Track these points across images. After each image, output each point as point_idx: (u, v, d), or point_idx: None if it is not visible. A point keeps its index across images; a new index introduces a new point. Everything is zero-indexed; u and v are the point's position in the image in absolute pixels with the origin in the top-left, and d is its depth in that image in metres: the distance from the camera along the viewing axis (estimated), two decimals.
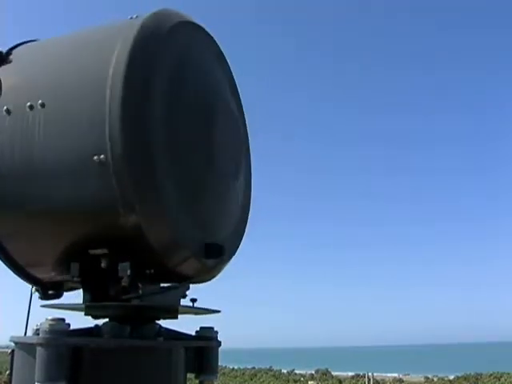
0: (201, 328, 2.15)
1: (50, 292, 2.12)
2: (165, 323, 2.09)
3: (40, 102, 1.83)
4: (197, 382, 2.17)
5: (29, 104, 1.84)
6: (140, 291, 1.84)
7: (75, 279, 1.86)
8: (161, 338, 1.95)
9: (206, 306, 2.12)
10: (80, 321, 1.98)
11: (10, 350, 1.89)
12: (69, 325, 1.75)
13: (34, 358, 1.68)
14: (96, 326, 1.97)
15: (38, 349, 1.67)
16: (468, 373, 30.45)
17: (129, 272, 1.76)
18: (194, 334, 2.14)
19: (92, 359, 1.74)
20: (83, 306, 2.03)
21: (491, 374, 29.13)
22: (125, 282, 1.78)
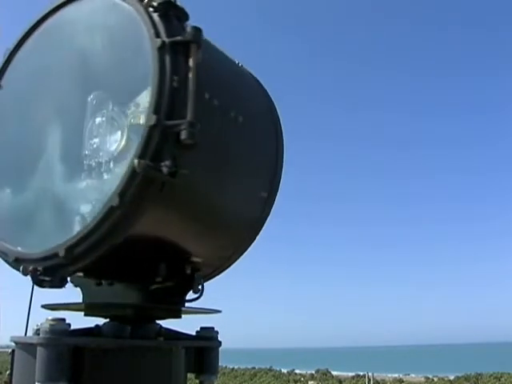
0: (201, 328, 2.15)
1: None
2: (165, 323, 2.09)
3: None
4: (197, 382, 2.17)
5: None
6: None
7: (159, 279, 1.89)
8: (161, 338, 1.95)
9: (205, 306, 2.13)
10: (80, 321, 1.98)
11: (10, 350, 1.89)
12: (69, 325, 1.76)
13: (35, 358, 1.67)
14: (96, 325, 1.97)
15: (39, 349, 1.67)
16: (468, 373, 30.49)
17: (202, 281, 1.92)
18: (194, 334, 2.15)
19: (92, 359, 1.74)
20: (83, 305, 2.04)
21: (491, 374, 29.16)
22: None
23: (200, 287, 1.94)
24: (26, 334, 2.00)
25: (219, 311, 2.22)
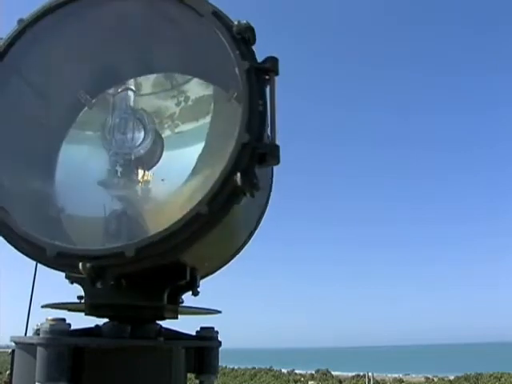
0: (201, 328, 2.15)
1: None
2: (165, 323, 2.09)
3: None
4: (197, 382, 2.17)
5: None
6: None
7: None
8: (161, 338, 1.95)
9: (205, 307, 2.13)
10: (80, 321, 1.98)
11: (10, 350, 1.90)
12: (69, 325, 1.76)
13: (35, 358, 1.68)
14: (96, 325, 1.97)
15: (39, 349, 1.68)
16: (468, 373, 30.50)
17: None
18: (194, 334, 2.15)
19: (92, 359, 1.74)
20: (83, 305, 2.04)
21: (491, 374, 29.17)
22: None
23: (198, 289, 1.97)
24: (26, 334, 2.00)
25: (219, 312, 2.22)
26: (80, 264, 1.62)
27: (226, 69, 1.78)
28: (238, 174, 1.59)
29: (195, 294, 1.97)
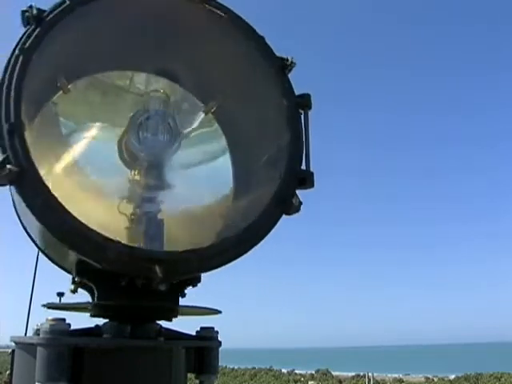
0: (201, 328, 2.15)
1: None
2: (165, 323, 2.09)
3: None
4: (197, 382, 2.17)
5: None
6: None
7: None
8: (161, 338, 1.95)
9: (204, 306, 2.13)
10: (80, 321, 1.98)
11: (10, 350, 1.90)
12: (69, 325, 1.76)
13: (35, 357, 1.68)
14: (96, 325, 1.97)
15: (39, 349, 1.67)
16: (468, 373, 30.49)
17: None
18: (194, 334, 2.15)
19: (92, 359, 1.74)
20: (84, 305, 2.04)
21: (491, 374, 29.16)
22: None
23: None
24: (26, 334, 2.00)
25: (219, 311, 2.22)
26: (156, 267, 1.58)
27: (268, 97, 1.97)
28: (293, 196, 1.81)
29: (194, 285, 1.98)
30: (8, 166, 1.47)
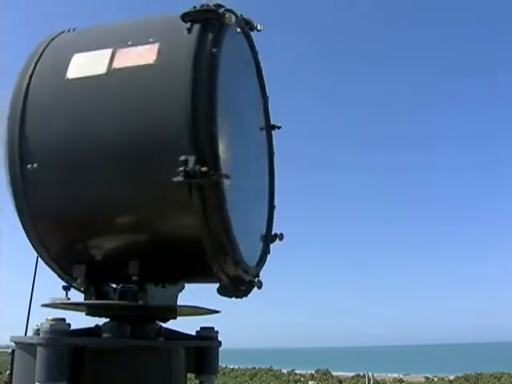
0: (201, 328, 2.15)
1: None
2: (165, 323, 2.09)
3: None
4: (197, 382, 2.17)
5: None
6: None
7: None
8: (161, 338, 1.95)
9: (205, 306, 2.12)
10: (80, 321, 1.98)
11: (10, 350, 1.89)
12: (69, 325, 1.76)
13: (35, 357, 1.68)
14: (96, 325, 1.97)
15: (39, 349, 1.68)
16: (468, 373, 30.43)
17: None
18: (194, 334, 2.15)
19: (92, 359, 1.74)
20: (84, 305, 2.03)
21: (491, 374, 29.11)
22: None
23: None
24: (26, 334, 2.00)
25: (218, 311, 2.22)
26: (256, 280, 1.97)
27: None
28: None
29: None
30: None
